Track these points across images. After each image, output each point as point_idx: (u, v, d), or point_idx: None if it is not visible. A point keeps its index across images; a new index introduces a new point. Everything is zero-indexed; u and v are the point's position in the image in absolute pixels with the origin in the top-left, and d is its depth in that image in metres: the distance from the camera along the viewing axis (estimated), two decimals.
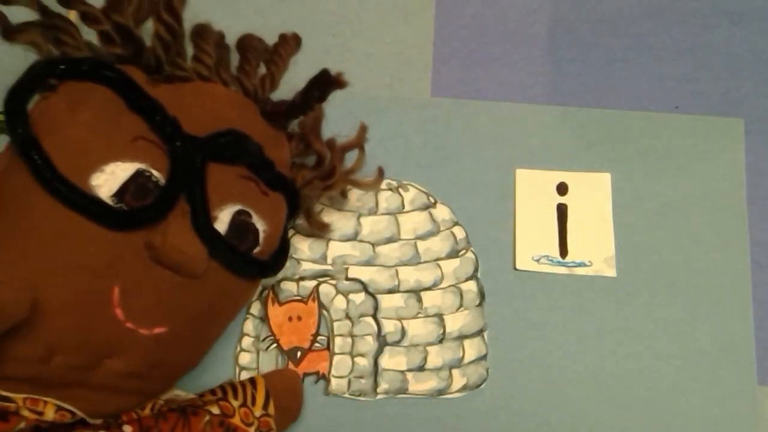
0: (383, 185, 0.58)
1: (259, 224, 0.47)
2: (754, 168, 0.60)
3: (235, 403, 0.47)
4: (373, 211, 0.57)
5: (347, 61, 0.63)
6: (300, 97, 0.49)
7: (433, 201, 0.58)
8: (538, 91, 0.62)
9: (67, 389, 0.40)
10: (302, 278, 0.55)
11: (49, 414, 0.39)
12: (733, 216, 0.58)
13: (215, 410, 0.46)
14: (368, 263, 0.56)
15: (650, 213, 0.58)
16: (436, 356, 0.54)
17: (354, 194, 0.58)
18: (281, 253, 0.50)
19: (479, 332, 0.55)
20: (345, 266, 0.56)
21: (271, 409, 0.49)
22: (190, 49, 0.48)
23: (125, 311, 0.41)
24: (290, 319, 0.55)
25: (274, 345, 0.54)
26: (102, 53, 0.45)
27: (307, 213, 0.55)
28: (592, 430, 0.53)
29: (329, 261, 0.56)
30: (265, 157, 0.47)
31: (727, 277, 0.56)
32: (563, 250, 0.57)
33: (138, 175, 0.42)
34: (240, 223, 0.46)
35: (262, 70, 0.52)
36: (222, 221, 0.45)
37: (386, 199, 0.57)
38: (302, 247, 0.56)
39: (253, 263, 0.47)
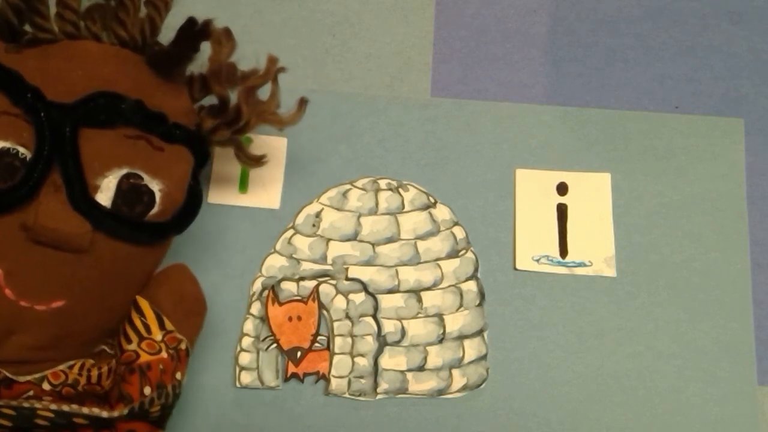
0: (383, 185, 0.58)
1: (154, 184, 0.45)
2: (754, 168, 0.60)
3: (133, 346, 0.46)
4: (373, 211, 0.57)
5: (347, 61, 0.62)
6: (172, 47, 0.46)
7: (433, 201, 0.58)
8: (538, 91, 0.62)
9: None
10: (302, 278, 0.55)
11: None
12: (733, 216, 0.58)
13: (121, 368, 0.45)
14: (368, 263, 0.56)
15: (650, 213, 0.58)
16: (436, 356, 0.54)
17: (354, 194, 0.58)
18: (188, 207, 0.48)
19: (479, 332, 0.55)
20: (345, 266, 0.56)
21: (169, 325, 0.46)
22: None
23: (14, 290, 0.41)
24: (290, 319, 0.54)
25: (274, 345, 0.54)
26: None
27: (236, 154, 0.52)
28: (592, 430, 0.53)
29: (329, 261, 0.56)
30: (150, 112, 0.45)
31: (727, 277, 0.56)
32: (563, 250, 0.57)
33: (3, 154, 0.41)
34: (129, 187, 0.44)
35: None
36: (107, 189, 0.43)
37: (386, 199, 0.58)
38: (302, 247, 0.56)
39: (147, 228, 0.45)
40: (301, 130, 0.59)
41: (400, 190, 0.58)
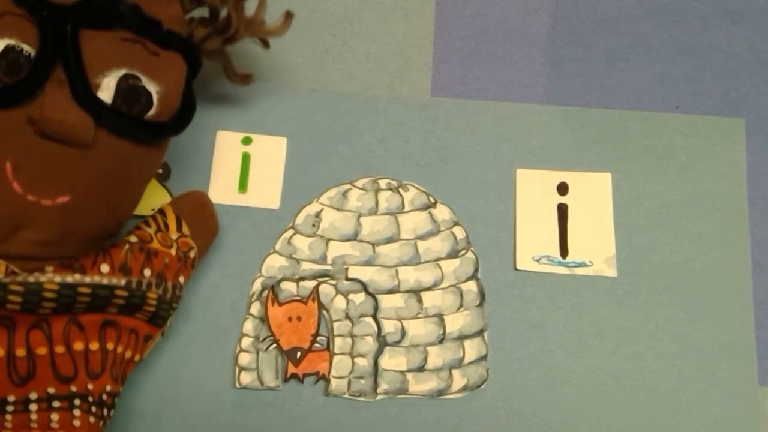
0: (383, 185, 0.58)
1: (151, 86, 0.47)
2: (754, 168, 0.60)
3: (150, 230, 0.50)
4: (373, 211, 0.57)
5: (347, 61, 0.62)
6: None
7: (433, 201, 0.58)
8: (538, 91, 0.62)
9: None
10: (302, 278, 0.55)
11: None
12: (733, 216, 0.58)
13: (133, 239, 0.48)
14: (368, 263, 0.56)
15: (650, 213, 0.58)
16: (436, 356, 0.54)
17: (354, 194, 0.57)
18: (184, 111, 0.50)
19: (479, 332, 0.55)
20: (345, 266, 0.56)
21: (186, 229, 0.51)
22: None
23: (22, 184, 0.43)
24: (290, 319, 0.54)
25: (274, 345, 0.54)
26: None
27: (224, 69, 0.55)
28: (592, 430, 0.53)
29: (329, 261, 0.56)
30: (147, 17, 0.47)
31: (728, 277, 0.56)
32: (563, 250, 0.57)
33: (8, 51, 0.42)
34: (128, 87, 0.46)
35: None
36: (107, 88, 0.45)
37: (386, 199, 0.57)
38: (302, 247, 0.56)
39: (146, 126, 0.47)
40: (301, 130, 0.59)
41: (400, 190, 0.58)
